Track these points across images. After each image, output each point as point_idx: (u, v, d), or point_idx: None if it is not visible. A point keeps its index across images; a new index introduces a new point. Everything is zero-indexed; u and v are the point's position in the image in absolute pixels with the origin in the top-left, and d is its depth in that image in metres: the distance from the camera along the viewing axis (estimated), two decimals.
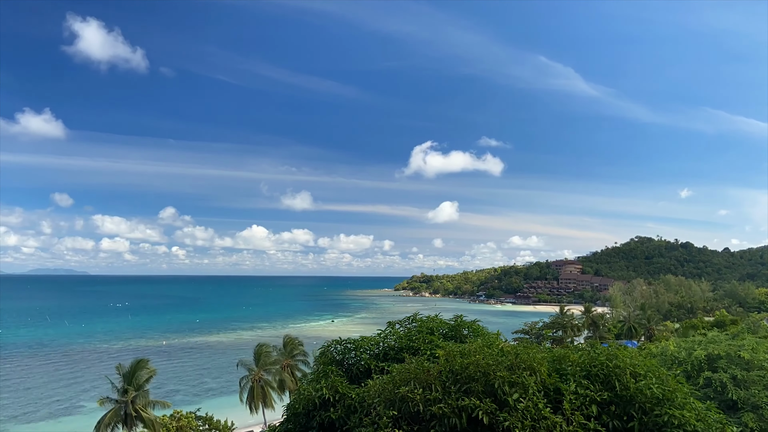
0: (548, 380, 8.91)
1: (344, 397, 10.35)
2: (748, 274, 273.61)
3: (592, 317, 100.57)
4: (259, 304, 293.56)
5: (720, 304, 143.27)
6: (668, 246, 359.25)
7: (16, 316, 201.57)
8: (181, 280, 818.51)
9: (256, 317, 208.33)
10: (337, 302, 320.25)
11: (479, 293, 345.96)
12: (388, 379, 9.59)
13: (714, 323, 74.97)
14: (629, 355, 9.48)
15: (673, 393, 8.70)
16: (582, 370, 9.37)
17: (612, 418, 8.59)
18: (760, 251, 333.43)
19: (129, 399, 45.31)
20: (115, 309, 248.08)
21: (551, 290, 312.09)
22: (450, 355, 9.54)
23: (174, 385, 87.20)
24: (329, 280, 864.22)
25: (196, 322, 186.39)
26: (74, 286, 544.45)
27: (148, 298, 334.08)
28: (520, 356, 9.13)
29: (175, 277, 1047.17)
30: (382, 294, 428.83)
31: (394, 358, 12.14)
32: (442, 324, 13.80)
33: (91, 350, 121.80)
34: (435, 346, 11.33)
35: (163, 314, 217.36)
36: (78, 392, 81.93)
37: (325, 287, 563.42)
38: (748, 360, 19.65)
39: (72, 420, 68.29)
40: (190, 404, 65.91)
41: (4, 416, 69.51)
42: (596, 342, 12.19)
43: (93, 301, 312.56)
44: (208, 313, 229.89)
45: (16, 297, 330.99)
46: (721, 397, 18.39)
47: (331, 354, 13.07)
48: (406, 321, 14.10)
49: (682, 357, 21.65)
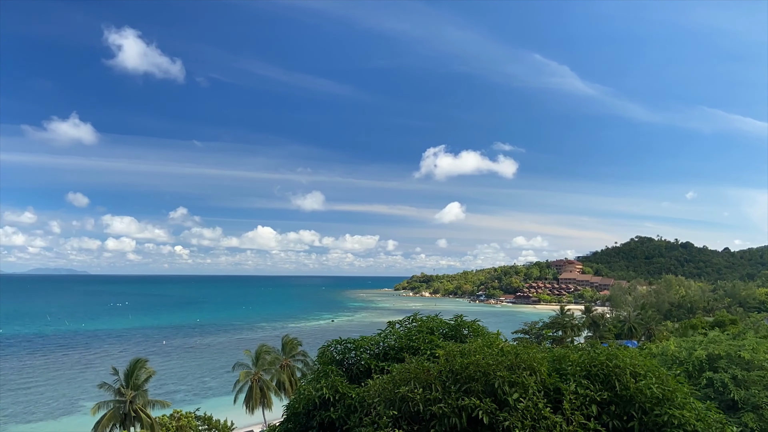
0: (548, 380, 8.90)
1: (344, 396, 10.35)
2: (748, 274, 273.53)
3: (592, 317, 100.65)
4: (259, 303, 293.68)
5: (720, 304, 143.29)
6: (668, 246, 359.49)
7: (17, 315, 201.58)
8: (182, 280, 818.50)
9: (256, 317, 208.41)
10: (337, 302, 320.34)
11: (479, 293, 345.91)
12: (388, 379, 9.58)
13: (714, 323, 74.91)
14: (629, 355, 9.47)
15: (673, 393, 8.69)
16: (582, 370, 9.36)
17: (612, 417, 8.58)
18: (760, 251, 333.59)
19: (128, 399, 45.32)
20: (115, 309, 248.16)
21: (551, 290, 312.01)
22: (450, 354, 9.53)
23: (174, 385, 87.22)
24: (330, 279, 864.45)
25: (197, 322, 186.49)
26: (75, 286, 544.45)
27: (148, 298, 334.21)
28: (520, 356, 9.12)
29: (177, 277, 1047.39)
30: (383, 294, 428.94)
31: (394, 357, 12.13)
32: (442, 324, 13.79)
33: (91, 350, 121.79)
34: (435, 346, 11.32)
35: (163, 314, 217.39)
36: (78, 392, 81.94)
37: (324, 287, 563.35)
38: (749, 360, 19.65)
39: (72, 420, 68.29)
40: (190, 404, 65.92)
41: (4, 416, 69.53)
42: (596, 342, 12.19)
43: (93, 300, 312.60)
44: (208, 313, 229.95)
45: (16, 297, 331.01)
46: (721, 397, 18.38)
47: (331, 354, 13.07)
48: (406, 321, 14.10)
49: (683, 357, 21.64)
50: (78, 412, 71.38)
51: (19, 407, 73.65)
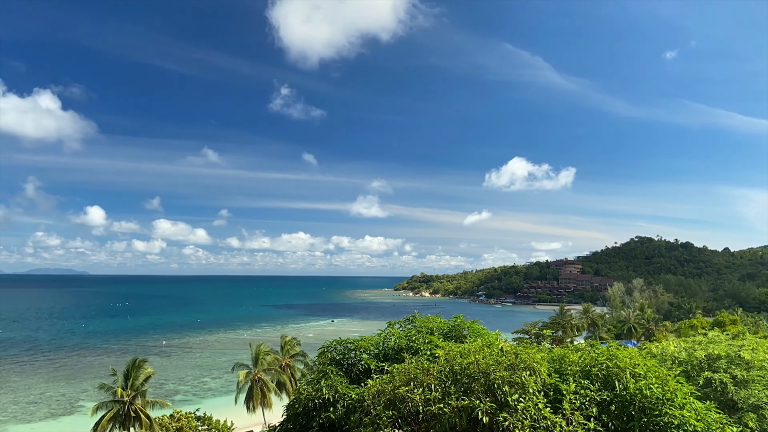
0: (548, 380, 8.91)
1: (344, 397, 10.36)
2: (748, 274, 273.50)
3: (591, 317, 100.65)
4: (259, 303, 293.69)
5: (720, 304, 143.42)
6: (668, 246, 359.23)
7: (16, 316, 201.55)
8: (182, 280, 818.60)
9: (256, 317, 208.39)
10: (337, 302, 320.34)
11: (479, 293, 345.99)
12: (388, 379, 9.59)
13: (714, 323, 74.95)
14: (629, 355, 9.48)
15: (673, 393, 8.70)
16: (582, 371, 9.37)
17: (612, 418, 8.59)
18: (760, 251, 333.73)
19: (127, 399, 45.28)
20: (115, 309, 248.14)
21: (551, 290, 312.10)
22: (450, 355, 9.54)
23: (174, 385, 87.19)
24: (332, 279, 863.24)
25: (197, 322, 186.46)
26: (75, 286, 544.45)
27: (148, 298, 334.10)
28: (520, 356, 9.13)
29: (178, 277, 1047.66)
30: (383, 294, 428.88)
31: (394, 358, 12.14)
32: (442, 324, 13.82)
33: (91, 350, 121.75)
34: (435, 346, 11.34)
35: (163, 314, 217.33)
36: (78, 392, 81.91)
37: (324, 287, 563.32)
38: (748, 360, 19.65)
39: (72, 420, 68.27)
40: (189, 404, 65.94)
41: (4, 416, 69.51)
42: (596, 342, 12.19)
43: (93, 301, 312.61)
44: (208, 313, 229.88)
45: (15, 297, 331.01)
46: (721, 397, 18.38)
47: (331, 354, 13.08)
48: (405, 321, 14.12)
49: (683, 357, 21.64)
50: (78, 412, 71.35)
51: (19, 407, 73.64)
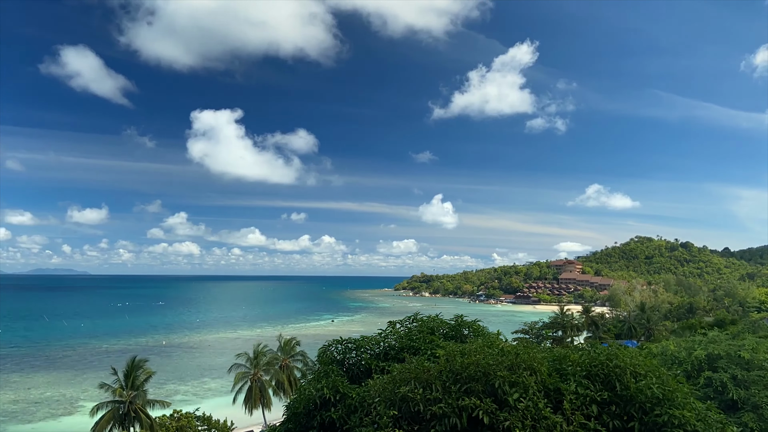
0: (548, 380, 8.91)
1: (345, 396, 10.36)
2: (748, 274, 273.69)
3: (591, 317, 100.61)
4: (260, 303, 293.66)
5: (720, 304, 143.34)
6: (668, 246, 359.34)
7: (16, 316, 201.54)
8: (183, 280, 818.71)
9: (256, 317, 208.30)
10: (337, 302, 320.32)
11: (479, 293, 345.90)
12: (389, 379, 9.59)
13: (714, 323, 74.93)
14: (629, 355, 9.48)
15: (673, 393, 8.70)
16: (582, 370, 9.37)
17: (612, 417, 8.59)
18: (760, 251, 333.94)
19: (127, 399, 45.30)
20: (115, 309, 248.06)
21: (551, 290, 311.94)
22: (450, 354, 9.54)
23: (174, 385, 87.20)
24: (333, 279, 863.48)
25: (197, 322, 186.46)
26: (74, 286, 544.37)
27: (148, 299, 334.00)
28: (521, 356, 9.13)
29: (178, 277, 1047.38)
30: (383, 294, 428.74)
31: (395, 357, 12.15)
32: (443, 324, 13.83)
33: (91, 350, 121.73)
34: (435, 346, 11.35)
35: (163, 314, 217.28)
36: (78, 392, 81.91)
37: (324, 287, 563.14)
38: (748, 360, 19.68)
39: (72, 420, 68.26)
40: (190, 404, 65.92)
41: (4, 416, 69.51)
42: (596, 342, 12.20)
43: (93, 300, 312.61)
44: (208, 313, 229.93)
45: (16, 297, 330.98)
46: (721, 397, 18.40)
47: (331, 354, 13.09)
48: (406, 321, 14.12)
49: (683, 357, 21.67)
50: (78, 412, 71.33)
51: (19, 407, 73.63)
